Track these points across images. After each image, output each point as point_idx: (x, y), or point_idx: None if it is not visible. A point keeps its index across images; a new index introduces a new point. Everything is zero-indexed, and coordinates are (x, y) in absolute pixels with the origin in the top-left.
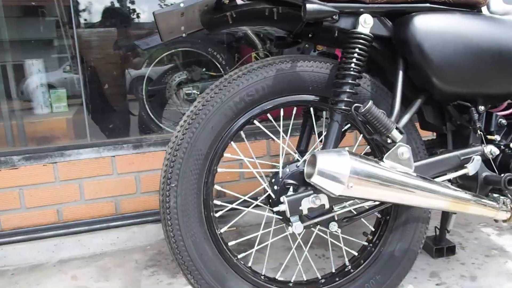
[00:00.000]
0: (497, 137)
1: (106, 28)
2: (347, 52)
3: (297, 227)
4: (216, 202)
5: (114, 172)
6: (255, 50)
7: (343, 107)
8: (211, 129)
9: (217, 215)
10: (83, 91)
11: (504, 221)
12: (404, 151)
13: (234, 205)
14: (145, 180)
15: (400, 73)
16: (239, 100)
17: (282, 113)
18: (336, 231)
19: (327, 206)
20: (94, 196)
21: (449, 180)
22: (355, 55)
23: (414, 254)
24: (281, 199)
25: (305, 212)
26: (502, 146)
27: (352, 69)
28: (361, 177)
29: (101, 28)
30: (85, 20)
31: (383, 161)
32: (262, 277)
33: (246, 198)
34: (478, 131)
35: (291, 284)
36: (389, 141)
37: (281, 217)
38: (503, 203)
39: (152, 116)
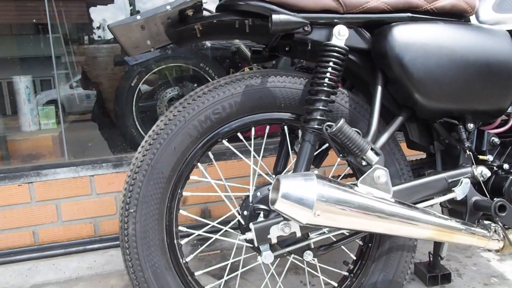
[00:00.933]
0: (489, 157)
1: (91, 45)
2: (320, 66)
3: (266, 257)
4: (181, 228)
5: (93, 192)
6: (248, 64)
7: (316, 126)
8: (173, 150)
9: (182, 242)
10: (60, 107)
11: (497, 251)
12: (381, 174)
13: (200, 232)
14: None
15: (379, 89)
16: (205, 118)
17: (253, 132)
18: (312, 260)
19: (298, 234)
20: (71, 217)
21: (440, 205)
22: (329, 69)
23: (398, 286)
24: (250, 226)
25: (274, 241)
26: (494, 167)
27: (325, 84)
28: (330, 203)
29: (86, 46)
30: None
31: (357, 185)
32: None
33: (214, 224)
34: (467, 151)
35: None
36: (364, 163)
37: (251, 245)
38: (495, 231)
39: (142, 132)
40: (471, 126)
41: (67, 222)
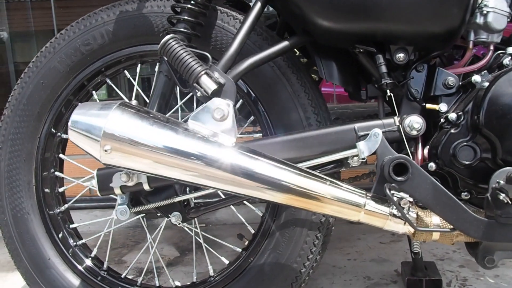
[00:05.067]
0: (442, 106)
1: None
2: None
3: (121, 212)
4: (59, 174)
5: None
6: None
7: None
8: (41, 85)
9: (61, 190)
10: None
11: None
12: (217, 108)
13: (79, 182)
14: None
15: (257, 4)
16: (74, 50)
17: (138, 69)
18: (179, 224)
19: (146, 186)
20: None
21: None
22: None
23: (292, 274)
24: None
25: (117, 191)
26: (441, 120)
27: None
28: (123, 138)
29: None
30: None
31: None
32: (104, 272)
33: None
34: (388, 91)
35: (136, 286)
36: (199, 93)
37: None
38: (399, 204)
39: None
40: (401, 56)
41: None
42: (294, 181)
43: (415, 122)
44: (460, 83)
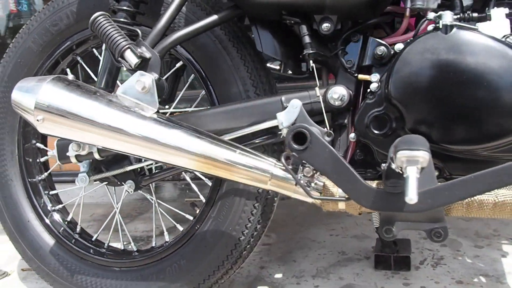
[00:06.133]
0: (374, 77)
1: None
2: None
3: (81, 179)
4: (40, 145)
5: None
6: None
7: None
8: (19, 64)
9: (42, 159)
10: None
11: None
12: (138, 80)
13: (51, 154)
14: None
15: None
16: (44, 31)
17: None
18: (131, 192)
19: (97, 155)
20: None
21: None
22: None
23: (232, 241)
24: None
25: (73, 160)
26: (368, 89)
27: None
28: (52, 109)
29: None
30: None
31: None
32: (77, 235)
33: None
34: (310, 61)
35: (104, 248)
36: (124, 68)
37: None
38: (304, 174)
39: None
40: (326, 26)
41: None
42: (203, 148)
43: (334, 93)
44: (392, 53)
